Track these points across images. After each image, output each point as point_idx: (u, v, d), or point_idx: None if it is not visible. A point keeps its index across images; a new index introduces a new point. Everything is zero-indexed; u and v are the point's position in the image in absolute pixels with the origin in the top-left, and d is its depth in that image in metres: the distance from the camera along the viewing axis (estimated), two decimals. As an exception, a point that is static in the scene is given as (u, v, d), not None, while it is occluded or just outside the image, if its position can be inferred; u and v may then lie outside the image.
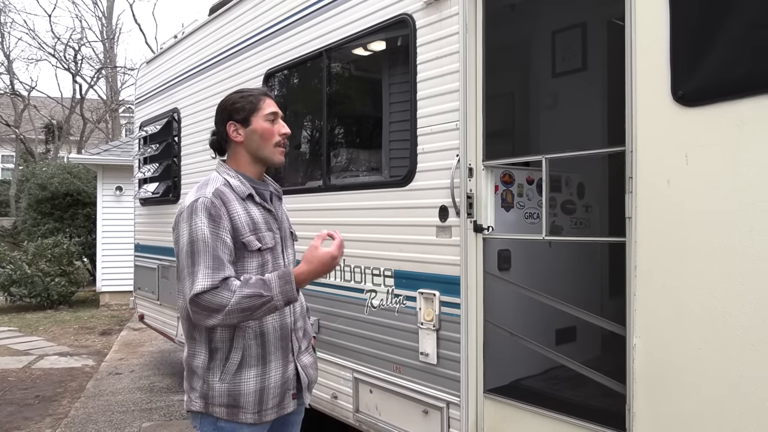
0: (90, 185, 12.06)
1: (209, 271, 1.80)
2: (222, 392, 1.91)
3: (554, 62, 4.04)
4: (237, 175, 2.00)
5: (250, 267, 1.93)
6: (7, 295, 10.27)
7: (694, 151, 1.91)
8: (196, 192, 1.94)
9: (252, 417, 1.94)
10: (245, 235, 1.91)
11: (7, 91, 24.04)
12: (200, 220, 1.85)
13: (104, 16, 24.02)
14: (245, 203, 1.96)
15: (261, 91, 2.09)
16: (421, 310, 2.92)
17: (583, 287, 3.33)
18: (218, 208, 1.87)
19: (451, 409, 2.78)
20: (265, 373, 1.95)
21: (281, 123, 2.05)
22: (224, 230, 1.87)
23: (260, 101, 2.02)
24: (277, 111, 2.04)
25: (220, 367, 1.92)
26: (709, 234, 1.87)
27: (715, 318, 1.85)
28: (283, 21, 3.91)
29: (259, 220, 1.97)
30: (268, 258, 1.98)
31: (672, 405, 1.97)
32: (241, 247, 1.90)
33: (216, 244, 1.84)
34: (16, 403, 5.34)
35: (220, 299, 1.79)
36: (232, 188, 1.96)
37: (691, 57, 1.93)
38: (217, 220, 1.86)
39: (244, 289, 1.80)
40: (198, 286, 1.79)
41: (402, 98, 3.18)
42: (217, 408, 1.92)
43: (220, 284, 1.80)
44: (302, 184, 3.96)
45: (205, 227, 1.84)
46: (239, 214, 1.92)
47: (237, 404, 1.92)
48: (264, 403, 1.95)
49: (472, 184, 2.72)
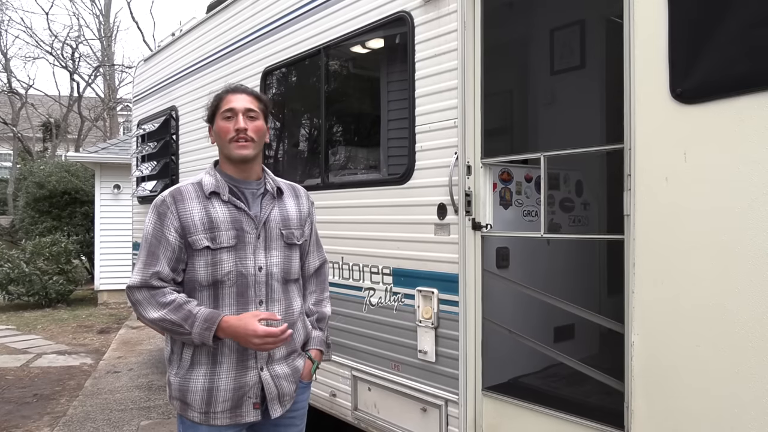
0: (88, 183, 12.03)
1: (142, 267, 1.90)
2: (175, 387, 1.96)
3: (552, 60, 4.04)
4: (215, 174, 2.01)
5: (198, 265, 1.92)
6: (4, 294, 10.24)
7: (692, 148, 1.91)
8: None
9: (198, 416, 1.93)
10: (193, 234, 1.91)
11: (5, 89, 23.98)
12: (149, 218, 1.95)
13: (102, 14, 23.98)
14: (208, 201, 1.94)
15: (226, 88, 2.04)
16: (419, 307, 2.92)
17: (582, 285, 3.33)
18: (167, 206, 1.92)
19: (450, 407, 2.78)
20: (214, 373, 1.92)
21: (238, 119, 1.95)
22: (168, 228, 1.91)
23: (221, 100, 2.00)
24: (234, 107, 1.96)
25: (177, 362, 1.97)
26: (708, 231, 1.87)
27: (713, 315, 1.85)
28: (281, 18, 3.91)
29: (219, 218, 1.92)
30: (223, 257, 1.91)
31: (670, 402, 1.97)
32: (187, 246, 1.92)
33: (156, 242, 1.91)
34: (14, 402, 5.34)
35: (148, 306, 1.89)
36: (201, 186, 1.97)
37: (690, 54, 1.92)
38: (162, 218, 1.92)
39: (171, 313, 1.86)
40: (131, 280, 1.92)
41: (400, 96, 3.17)
42: (174, 401, 1.98)
43: (148, 282, 1.88)
44: (300, 182, 3.95)
45: (151, 225, 1.94)
46: (192, 213, 1.92)
47: (185, 400, 1.94)
48: (212, 404, 1.92)
49: (470, 182, 2.72)
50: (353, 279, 3.35)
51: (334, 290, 3.47)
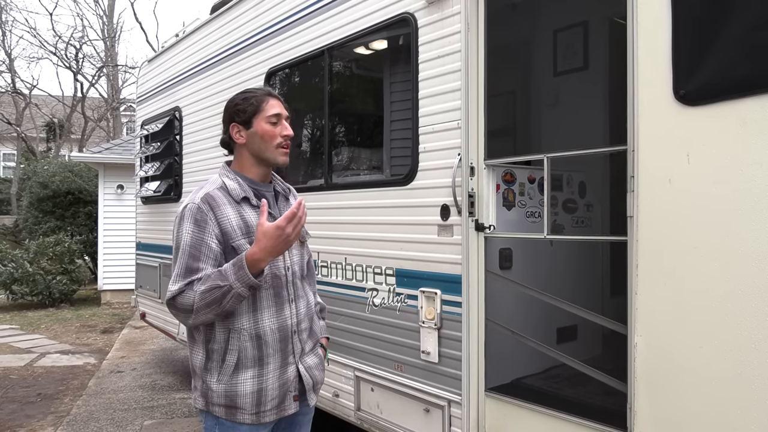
0: (91, 184, 12.07)
1: (180, 277, 1.86)
2: (219, 393, 1.93)
3: (555, 61, 4.04)
4: (236, 177, 2.00)
5: None
6: (8, 294, 10.28)
7: (695, 150, 1.92)
8: (190, 196, 1.97)
9: (250, 417, 1.94)
10: (235, 239, 1.91)
11: (9, 89, 24.05)
12: (185, 227, 1.89)
13: (105, 15, 24.02)
14: (239, 206, 1.95)
15: (265, 92, 2.06)
16: (422, 308, 2.93)
17: (584, 286, 3.33)
18: (204, 213, 1.89)
19: (453, 408, 2.79)
20: (262, 374, 1.95)
21: (284, 125, 2.03)
22: (209, 235, 1.88)
23: (262, 103, 2.01)
24: (280, 113, 2.03)
25: (218, 368, 1.94)
26: (711, 233, 1.87)
27: (716, 317, 1.86)
28: (285, 20, 3.92)
29: (254, 223, 1.94)
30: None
31: (673, 404, 1.97)
32: (231, 251, 1.91)
33: (196, 251, 1.87)
34: (18, 401, 5.35)
35: (187, 300, 1.84)
36: (227, 191, 1.96)
37: (693, 56, 1.93)
38: (202, 225, 1.88)
39: (203, 284, 1.83)
40: (169, 291, 1.87)
41: (404, 97, 3.18)
42: (216, 407, 1.95)
43: (186, 287, 1.84)
44: (304, 183, 3.97)
45: (189, 234, 1.88)
46: (230, 218, 1.92)
47: (234, 405, 1.93)
48: (262, 404, 1.95)
49: (473, 183, 2.73)
50: (356, 280, 3.36)
51: (338, 291, 3.48)
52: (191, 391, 2.06)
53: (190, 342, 2.03)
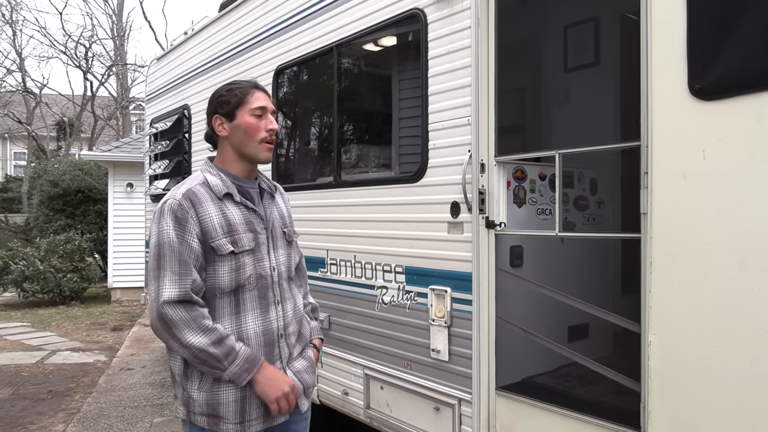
0: (101, 182, 12.13)
1: (176, 278, 1.76)
2: (201, 401, 1.84)
3: (566, 57, 4.00)
4: (219, 173, 1.93)
5: (222, 271, 1.84)
6: (19, 291, 10.35)
7: (711, 146, 1.88)
8: (170, 192, 1.88)
9: (234, 428, 1.84)
10: (216, 238, 1.82)
11: (19, 88, 24.22)
12: (166, 223, 1.80)
13: (114, 14, 24.13)
14: (222, 203, 1.87)
15: (250, 84, 1.98)
16: (432, 306, 2.91)
17: (596, 284, 3.31)
18: (186, 210, 1.80)
19: (463, 406, 2.77)
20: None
21: (270, 118, 1.95)
22: (190, 234, 1.79)
23: (247, 95, 1.93)
24: (265, 105, 1.94)
25: (198, 376, 1.84)
26: (727, 230, 1.84)
27: (732, 315, 1.82)
28: (294, 17, 3.90)
29: (237, 220, 1.87)
30: (245, 261, 1.88)
31: (689, 403, 1.95)
32: (210, 251, 1.82)
33: (182, 249, 1.78)
34: (30, 398, 5.39)
35: (184, 332, 1.74)
36: (210, 187, 1.88)
37: (709, 50, 1.90)
38: (183, 223, 1.79)
39: (214, 346, 1.75)
40: (165, 294, 1.75)
41: (413, 94, 3.16)
42: (198, 417, 1.85)
43: (186, 296, 1.75)
44: (313, 180, 3.96)
45: (171, 231, 1.79)
46: (211, 216, 1.83)
47: (217, 414, 1.83)
48: (246, 413, 1.85)
49: (484, 180, 2.70)
50: (366, 277, 3.35)
51: (347, 288, 3.47)
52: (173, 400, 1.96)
53: (168, 346, 1.91)
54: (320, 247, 3.66)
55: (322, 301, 3.63)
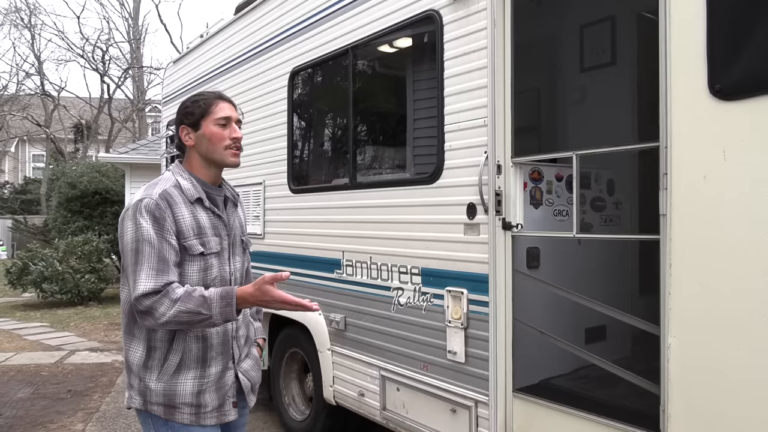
0: (118, 183, 12.26)
1: (153, 272, 1.81)
2: (158, 392, 1.92)
3: (582, 57, 3.98)
4: (190, 178, 1.99)
5: (191, 270, 1.92)
6: (38, 292, 10.48)
7: (731, 146, 1.86)
8: (144, 191, 1.93)
9: (189, 418, 1.94)
10: (188, 238, 1.90)
11: (38, 91, 24.57)
12: (145, 221, 1.85)
13: (131, 17, 24.40)
14: (193, 207, 1.94)
15: (215, 95, 2.05)
16: (448, 308, 2.91)
17: (613, 285, 3.28)
18: (163, 210, 1.87)
19: (480, 408, 2.76)
20: (204, 376, 1.95)
21: (233, 127, 2.01)
22: (168, 233, 1.86)
23: (211, 106, 1.99)
24: (230, 115, 2.01)
25: (158, 367, 1.93)
26: (748, 231, 1.82)
27: (754, 318, 1.80)
28: (309, 19, 3.92)
29: (205, 224, 1.95)
30: (212, 263, 1.97)
31: (709, 407, 1.92)
32: (182, 250, 1.90)
33: (161, 246, 1.84)
34: (49, 398, 5.46)
35: (160, 306, 1.79)
36: (182, 190, 1.95)
37: (729, 49, 1.87)
38: (161, 222, 1.86)
39: (185, 303, 1.80)
40: (141, 287, 1.80)
41: (428, 95, 3.16)
42: (155, 407, 1.93)
43: (162, 289, 1.80)
44: (328, 182, 3.97)
45: (149, 229, 1.84)
46: (184, 217, 1.91)
47: (173, 404, 1.92)
48: (202, 406, 1.95)
49: (500, 181, 2.70)
50: (381, 279, 3.35)
51: (363, 290, 3.47)
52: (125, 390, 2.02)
53: (127, 338, 1.99)
54: (336, 248, 3.67)
55: (337, 302, 3.65)
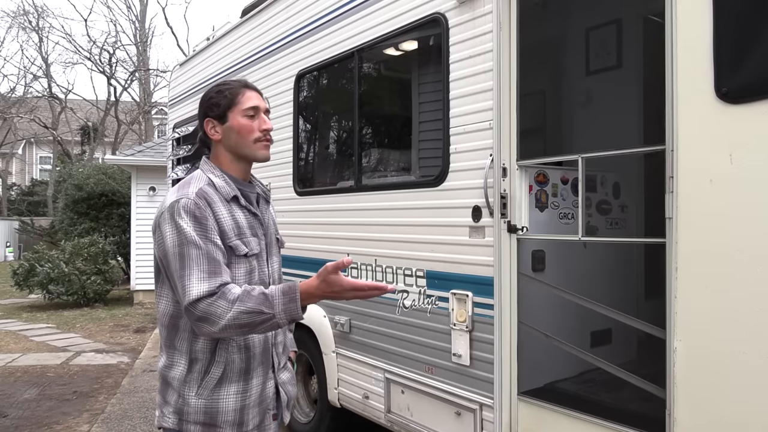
0: (124, 186, 12.30)
1: (204, 275, 1.63)
2: (198, 409, 1.73)
3: (588, 60, 3.97)
4: (222, 175, 1.82)
5: (238, 274, 1.75)
6: (45, 293, 10.53)
7: (738, 149, 1.86)
8: (178, 191, 1.75)
9: None
10: (231, 239, 1.74)
11: (45, 94, 24.71)
12: (185, 223, 1.67)
13: (137, 20, 24.52)
14: (229, 205, 1.78)
15: (240, 84, 1.88)
16: (453, 310, 2.91)
17: (618, 288, 3.27)
18: (203, 209, 1.70)
19: (485, 411, 2.76)
20: (246, 390, 1.78)
21: (263, 118, 1.85)
22: (212, 232, 1.69)
23: (237, 95, 1.83)
24: (258, 105, 1.84)
25: (198, 381, 1.74)
26: (754, 235, 1.82)
27: (760, 322, 1.80)
28: (315, 22, 3.93)
29: (243, 224, 1.79)
30: (254, 264, 1.81)
31: (715, 411, 1.92)
32: (227, 251, 1.73)
33: (208, 248, 1.67)
34: (55, 399, 5.48)
35: (217, 309, 1.60)
36: (216, 188, 1.78)
37: (736, 52, 1.87)
38: (203, 222, 1.69)
39: (244, 302, 1.60)
40: (194, 292, 1.61)
41: (434, 98, 3.16)
42: (192, 426, 1.74)
43: (217, 290, 1.62)
44: (333, 185, 3.98)
45: (192, 230, 1.67)
46: (224, 217, 1.74)
47: (214, 423, 1.74)
48: (244, 424, 1.78)
49: (506, 184, 2.70)
50: (386, 281, 3.35)
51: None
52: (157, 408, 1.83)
53: (168, 351, 1.79)
54: (341, 250, 3.67)
55: (342, 304, 3.65)
